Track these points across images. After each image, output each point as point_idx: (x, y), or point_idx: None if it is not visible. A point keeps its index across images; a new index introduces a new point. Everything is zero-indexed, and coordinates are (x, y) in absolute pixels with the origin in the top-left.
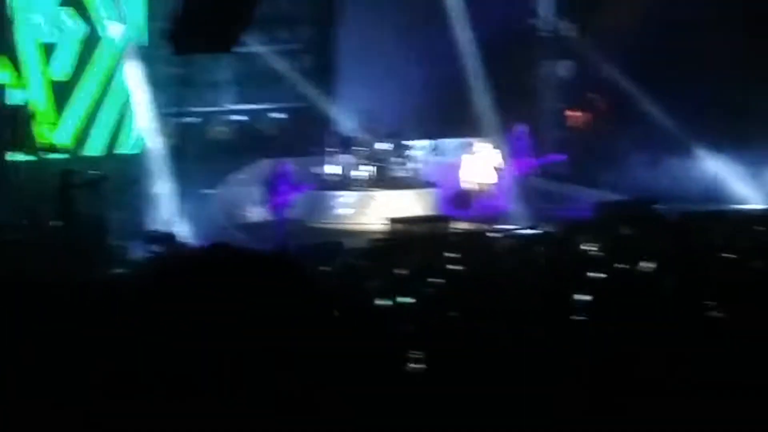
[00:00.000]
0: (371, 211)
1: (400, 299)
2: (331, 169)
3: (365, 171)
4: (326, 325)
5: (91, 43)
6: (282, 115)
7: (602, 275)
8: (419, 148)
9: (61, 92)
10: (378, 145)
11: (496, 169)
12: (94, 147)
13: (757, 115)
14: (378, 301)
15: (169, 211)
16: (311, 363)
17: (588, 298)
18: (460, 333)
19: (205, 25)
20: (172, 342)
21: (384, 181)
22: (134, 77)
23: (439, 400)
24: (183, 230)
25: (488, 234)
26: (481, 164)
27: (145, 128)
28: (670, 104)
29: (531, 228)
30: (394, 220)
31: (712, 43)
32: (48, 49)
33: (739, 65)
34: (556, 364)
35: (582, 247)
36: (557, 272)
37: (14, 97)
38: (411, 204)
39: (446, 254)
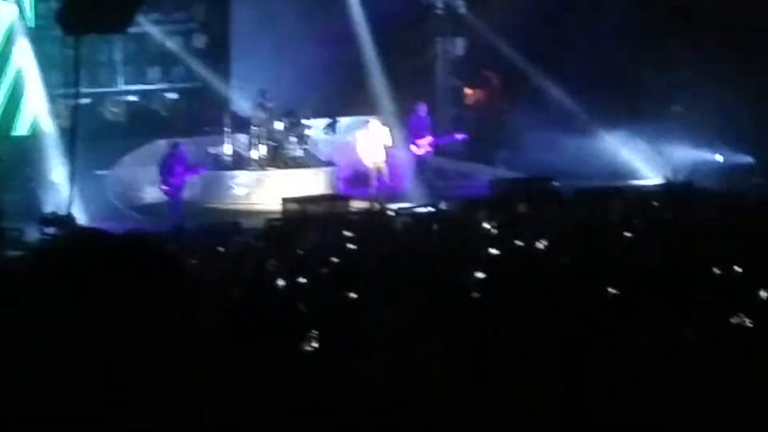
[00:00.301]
0: (268, 191)
1: (296, 279)
2: (226, 149)
3: (261, 151)
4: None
5: None
6: (176, 95)
7: (497, 253)
8: (316, 127)
9: None
10: (274, 125)
11: (386, 147)
12: None
13: (651, 92)
14: (275, 282)
15: (63, 192)
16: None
17: (482, 275)
18: (357, 313)
19: (97, 5)
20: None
21: (280, 160)
22: (25, 58)
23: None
24: (78, 212)
25: (385, 213)
26: (374, 142)
27: (37, 110)
28: (567, 81)
29: (427, 206)
30: (288, 200)
31: (606, 19)
32: None
33: (634, 42)
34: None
35: (478, 225)
36: (452, 251)
37: None
38: (308, 183)
39: (343, 233)
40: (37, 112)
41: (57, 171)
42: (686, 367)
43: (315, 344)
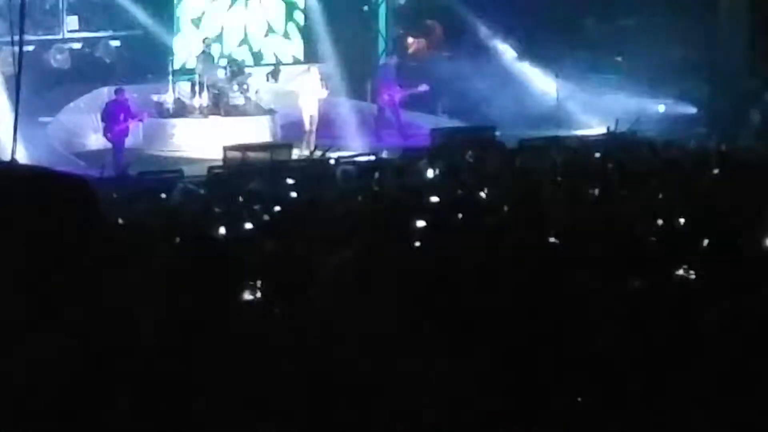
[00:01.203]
0: (210, 139)
1: (237, 226)
2: (169, 97)
3: (203, 98)
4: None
5: None
6: (120, 43)
7: (437, 201)
8: (258, 75)
9: None
10: (216, 72)
11: (321, 96)
12: None
13: (594, 41)
14: (216, 230)
15: (7, 139)
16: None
17: (422, 224)
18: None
19: None
20: None
21: (222, 108)
22: None
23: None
24: (22, 158)
25: (325, 161)
26: (311, 90)
27: None
28: (509, 30)
29: (369, 155)
30: (229, 148)
31: None
32: None
33: None
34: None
35: (419, 174)
36: (392, 199)
37: None
38: (249, 131)
39: (284, 181)
40: None
41: (1, 118)
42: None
43: (255, 293)
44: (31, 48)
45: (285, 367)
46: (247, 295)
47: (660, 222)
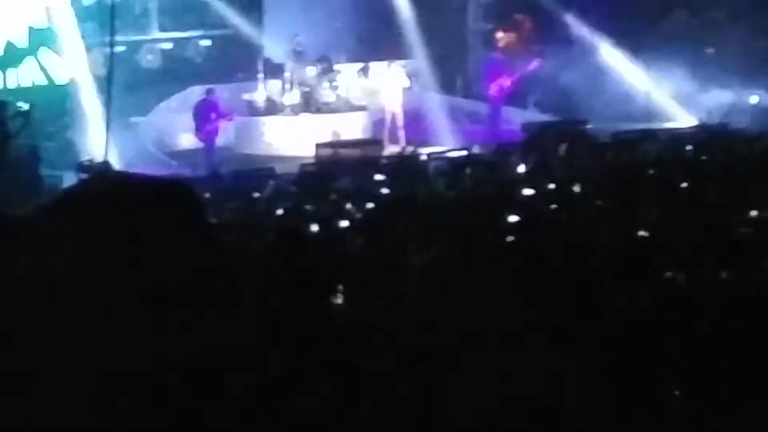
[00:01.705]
0: (301, 137)
1: (332, 224)
2: (260, 95)
3: (294, 96)
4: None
5: None
6: (210, 42)
7: (530, 195)
8: (348, 72)
9: None
10: (306, 70)
11: (404, 90)
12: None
13: (685, 33)
14: (309, 227)
15: (100, 139)
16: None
17: (516, 218)
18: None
19: None
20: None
21: (313, 106)
22: (62, 9)
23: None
24: (114, 159)
25: (417, 157)
26: (393, 86)
27: (74, 59)
28: (599, 23)
29: (461, 150)
30: (321, 145)
31: None
32: None
33: None
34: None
35: (511, 169)
36: (484, 194)
37: None
38: (340, 128)
39: (376, 178)
40: (73, 61)
41: (94, 119)
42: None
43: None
44: (122, 49)
45: (383, 366)
46: (341, 293)
47: (754, 213)
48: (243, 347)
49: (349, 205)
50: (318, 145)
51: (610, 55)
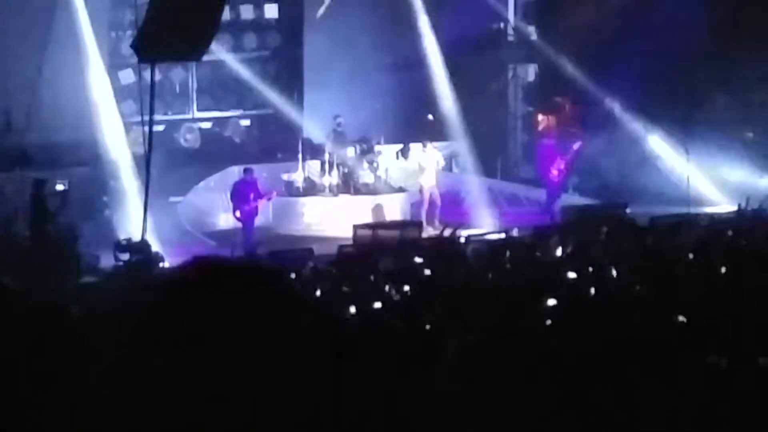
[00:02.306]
0: (340, 218)
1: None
2: (299, 175)
3: (333, 177)
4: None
5: None
6: (249, 122)
7: (569, 278)
8: (388, 153)
9: None
10: (346, 151)
11: (439, 171)
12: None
13: (724, 117)
14: (347, 309)
15: (138, 219)
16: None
17: (554, 302)
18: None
19: (172, 32)
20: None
21: (352, 186)
22: (101, 86)
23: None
24: (152, 238)
25: (456, 239)
26: (429, 166)
27: (113, 137)
28: (638, 106)
29: (500, 232)
30: (359, 226)
31: (678, 42)
32: None
33: (706, 65)
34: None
35: (550, 252)
36: (524, 277)
37: None
38: (379, 209)
39: (415, 260)
40: (112, 140)
41: (132, 198)
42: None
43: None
44: (161, 128)
45: None
46: (376, 374)
47: None
48: None
49: (387, 287)
50: (356, 227)
51: (650, 139)
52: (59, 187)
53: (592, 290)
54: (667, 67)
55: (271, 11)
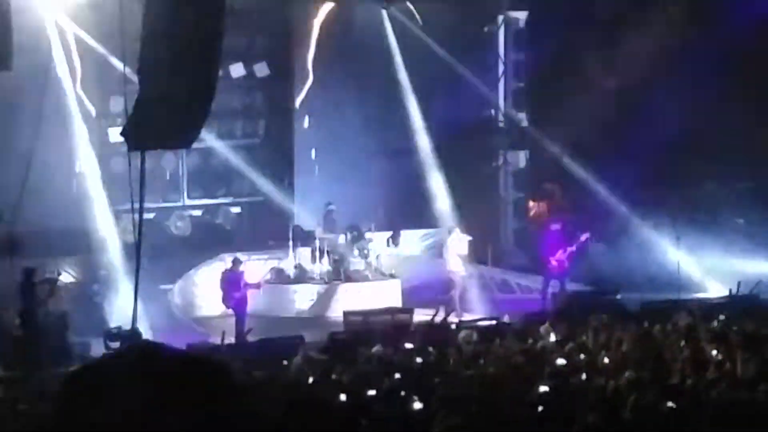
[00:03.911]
0: (331, 305)
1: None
2: (290, 262)
3: (324, 264)
4: None
5: None
6: (240, 209)
7: (559, 365)
8: (379, 240)
9: None
10: (337, 238)
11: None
12: None
13: (714, 203)
14: (337, 396)
15: (128, 306)
16: None
17: (545, 388)
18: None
19: (162, 120)
20: None
21: (343, 274)
22: (90, 173)
23: None
24: (143, 326)
25: (447, 326)
26: (456, 251)
27: (103, 225)
28: (628, 193)
29: (491, 319)
30: (350, 313)
31: (665, 130)
32: None
33: (694, 153)
34: None
35: (541, 339)
36: (515, 365)
37: None
38: (370, 296)
39: (405, 347)
40: (103, 228)
41: (123, 285)
42: None
43: None
44: (152, 215)
45: None
46: None
47: None
48: None
49: (378, 373)
50: (347, 313)
51: (640, 225)
52: (49, 275)
53: (583, 376)
54: (658, 154)
55: (261, 96)
